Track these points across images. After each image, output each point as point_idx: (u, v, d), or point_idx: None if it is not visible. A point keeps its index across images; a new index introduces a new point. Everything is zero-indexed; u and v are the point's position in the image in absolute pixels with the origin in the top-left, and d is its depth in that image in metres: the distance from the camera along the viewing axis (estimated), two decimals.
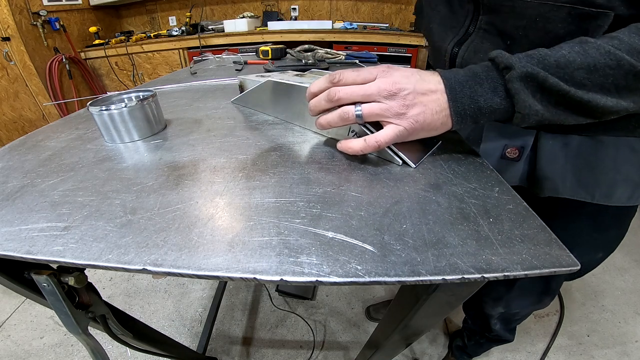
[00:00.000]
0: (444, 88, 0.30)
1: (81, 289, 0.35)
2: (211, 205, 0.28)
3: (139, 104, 0.41)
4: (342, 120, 0.32)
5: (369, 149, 0.32)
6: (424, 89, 0.30)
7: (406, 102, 0.30)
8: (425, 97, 0.30)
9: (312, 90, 0.34)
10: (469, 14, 0.40)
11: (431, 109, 0.30)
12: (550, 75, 0.26)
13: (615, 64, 0.26)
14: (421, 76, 0.31)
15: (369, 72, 0.31)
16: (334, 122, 0.33)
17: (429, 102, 0.30)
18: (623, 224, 0.47)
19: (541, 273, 0.21)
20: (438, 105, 0.30)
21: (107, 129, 0.41)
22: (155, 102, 0.44)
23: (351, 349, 1.09)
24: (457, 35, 0.41)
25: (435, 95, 0.30)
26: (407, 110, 0.30)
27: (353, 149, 0.33)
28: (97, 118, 0.40)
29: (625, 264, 1.42)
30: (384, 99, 0.30)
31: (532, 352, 1.08)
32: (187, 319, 1.20)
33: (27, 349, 1.08)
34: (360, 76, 0.31)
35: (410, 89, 0.30)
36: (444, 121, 0.31)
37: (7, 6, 1.86)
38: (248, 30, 2.30)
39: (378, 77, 0.31)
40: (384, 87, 0.30)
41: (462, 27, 0.41)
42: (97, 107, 0.39)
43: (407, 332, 0.41)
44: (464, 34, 0.41)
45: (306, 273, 0.21)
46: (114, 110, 0.39)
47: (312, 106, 0.34)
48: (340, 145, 0.34)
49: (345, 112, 0.31)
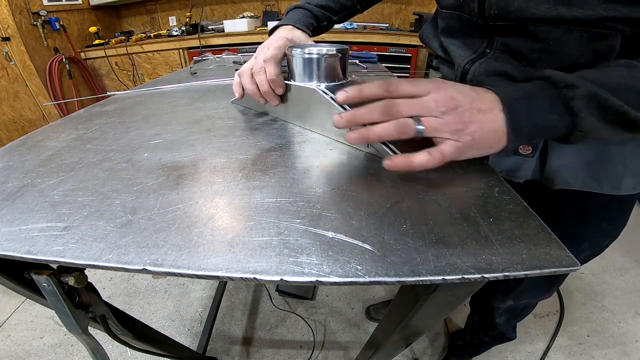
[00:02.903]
0: (501, 106, 0.29)
1: (81, 289, 0.35)
2: (211, 205, 0.28)
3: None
4: (399, 134, 0.30)
5: (433, 163, 0.29)
6: (481, 106, 0.29)
7: (464, 119, 0.29)
8: (481, 115, 0.29)
9: (364, 94, 0.32)
10: (485, 36, 0.41)
11: (488, 127, 0.29)
12: (610, 95, 0.27)
13: None
14: (477, 93, 0.30)
15: (422, 85, 0.30)
16: (388, 135, 0.30)
17: (486, 119, 0.29)
18: (626, 212, 0.50)
19: (541, 273, 0.21)
20: (494, 123, 0.29)
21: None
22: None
23: (351, 349, 1.09)
24: (474, 54, 0.43)
25: (492, 113, 0.29)
26: (464, 126, 0.29)
27: (416, 164, 0.29)
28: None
29: (625, 264, 1.42)
30: (442, 114, 0.29)
31: (532, 352, 1.08)
32: (187, 319, 1.20)
33: (27, 349, 1.09)
34: (415, 88, 0.30)
35: (467, 105, 0.29)
36: (499, 139, 0.30)
37: (7, 6, 1.86)
38: (248, 30, 2.30)
39: (433, 91, 0.30)
40: (441, 102, 0.29)
41: (479, 47, 0.42)
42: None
43: (407, 332, 0.41)
44: (480, 54, 0.42)
45: (306, 273, 0.21)
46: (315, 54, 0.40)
47: (360, 116, 0.32)
48: (397, 160, 0.30)
49: (405, 126, 0.29)
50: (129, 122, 0.50)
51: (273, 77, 0.43)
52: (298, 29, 0.51)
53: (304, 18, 0.54)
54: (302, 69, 0.42)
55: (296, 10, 0.56)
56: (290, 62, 0.43)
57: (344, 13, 0.62)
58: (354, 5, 0.62)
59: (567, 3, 0.31)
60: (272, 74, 0.43)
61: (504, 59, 0.39)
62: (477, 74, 0.42)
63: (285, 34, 0.49)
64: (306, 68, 0.41)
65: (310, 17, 0.56)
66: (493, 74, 0.40)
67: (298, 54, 0.41)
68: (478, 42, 0.42)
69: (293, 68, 0.43)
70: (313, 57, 0.40)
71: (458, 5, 0.42)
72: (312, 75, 0.41)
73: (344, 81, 0.43)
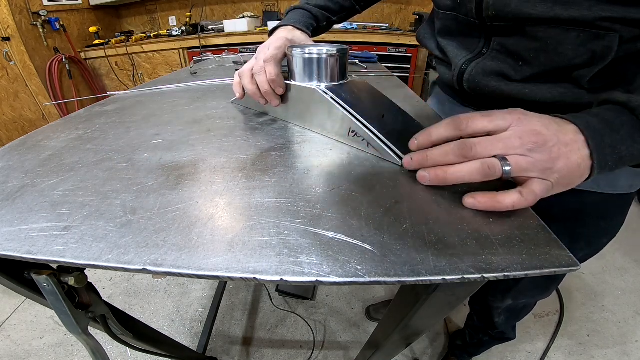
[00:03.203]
0: (584, 138, 0.27)
1: (81, 289, 0.35)
2: (211, 205, 0.28)
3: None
4: (483, 177, 0.27)
5: (525, 204, 0.26)
6: (567, 139, 0.27)
7: (552, 156, 0.26)
8: (567, 149, 0.27)
9: (433, 139, 0.30)
10: (482, 37, 0.41)
11: (573, 162, 0.27)
12: None
13: None
14: (559, 125, 0.28)
15: (501, 118, 0.28)
16: (470, 178, 0.27)
17: (571, 154, 0.27)
18: (624, 210, 0.50)
19: (541, 273, 0.21)
20: (579, 157, 0.27)
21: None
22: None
23: (351, 349, 1.09)
24: (471, 54, 0.43)
25: (577, 145, 0.27)
26: (553, 164, 0.26)
27: (504, 205, 0.26)
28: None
29: (625, 264, 1.42)
30: (528, 152, 0.26)
31: (532, 352, 1.08)
32: (187, 319, 1.20)
33: (27, 349, 1.09)
34: (492, 123, 0.28)
35: (555, 140, 0.27)
36: (582, 173, 0.28)
37: (7, 6, 1.86)
38: (248, 30, 2.30)
39: (514, 125, 0.27)
40: (527, 138, 0.26)
41: (476, 47, 0.42)
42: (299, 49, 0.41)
43: (407, 332, 0.41)
44: (477, 54, 0.42)
45: (306, 273, 0.21)
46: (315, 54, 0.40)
47: (433, 159, 0.30)
48: (482, 199, 0.27)
49: (491, 167, 0.26)
50: (129, 122, 0.50)
51: (273, 77, 0.43)
52: (298, 29, 0.51)
53: (304, 19, 0.55)
54: (302, 69, 0.42)
55: (296, 11, 0.56)
56: (291, 62, 0.43)
57: (343, 14, 0.62)
58: (353, 6, 0.62)
59: (564, 4, 0.31)
60: (273, 74, 0.43)
61: (501, 59, 0.39)
62: (474, 73, 0.42)
63: (285, 34, 0.49)
64: (306, 68, 0.41)
65: (310, 17, 0.56)
66: (490, 74, 0.40)
67: (298, 54, 0.41)
68: (475, 42, 0.42)
69: (293, 68, 0.43)
70: (313, 57, 0.40)
71: (455, 6, 0.42)
72: (312, 75, 0.41)
73: (344, 81, 0.43)
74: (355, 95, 0.41)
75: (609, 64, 0.32)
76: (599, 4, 0.30)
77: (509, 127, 0.27)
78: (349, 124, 0.37)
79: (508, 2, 0.34)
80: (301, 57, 0.41)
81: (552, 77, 0.37)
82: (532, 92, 0.38)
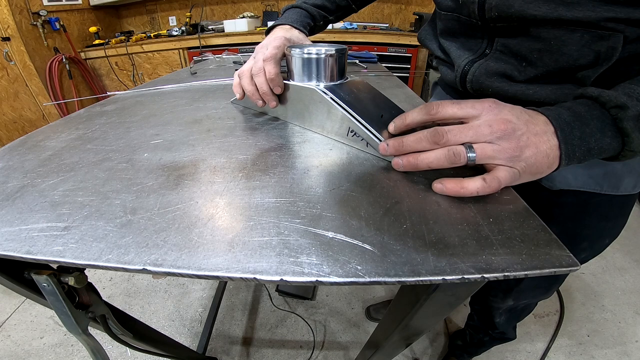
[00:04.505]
0: (554, 129, 0.28)
1: (81, 289, 0.35)
2: (211, 205, 0.28)
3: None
4: (449, 163, 0.28)
5: (488, 190, 0.28)
6: (536, 129, 0.28)
7: (520, 144, 0.27)
8: (537, 138, 0.28)
9: (408, 122, 0.32)
10: (485, 37, 0.41)
11: (542, 151, 0.28)
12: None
13: None
14: (529, 115, 0.29)
15: (472, 107, 0.29)
16: (438, 164, 0.29)
17: (540, 143, 0.28)
18: (627, 211, 0.50)
19: (541, 273, 0.21)
20: (548, 147, 0.28)
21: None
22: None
23: (351, 349, 1.09)
24: (473, 55, 0.43)
25: (546, 136, 0.28)
26: (521, 152, 0.27)
27: (468, 190, 0.27)
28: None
29: (625, 264, 1.42)
30: (497, 140, 0.27)
31: (532, 352, 1.08)
32: (187, 319, 1.20)
33: (27, 349, 1.09)
34: (462, 110, 0.29)
35: (524, 129, 0.28)
36: (551, 163, 0.29)
37: (7, 6, 1.86)
38: (248, 30, 2.31)
39: (484, 113, 0.28)
40: (496, 126, 0.27)
41: (479, 48, 0.42)
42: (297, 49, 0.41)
43: (407, 332, 0.41)
44: (480, 55, 0.42)
45: (306, 273, 0.21)
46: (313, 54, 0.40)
47: (407, 145, 0.31)
48: (449, 185, 0.28)
49: (456, 154, 0.28)
50: (129, 122, 0.50)
51: (272, 76, 0.43)
52: (295, 28, 0.51)
53: (301, 17, 0.54)
54: (301, 68, 0.42)
55: (293, 9, 0.56)
56: (290, 62, 0.43)
57: (339, 12, 0.62)
58: (349, 5, 0.62)
59: (568, 4, 0.31)
60: (272, 73, 0.43)
61: (504, 60, 0.39)
62: (477, 74, 0.42)
63: (283, 33, 0.49)
64: (305, 68, 0.41)
65: (307, 16, 0.56)
66: (493, 75, 0.40)
67: (297, 53, 0.41)
68: (478, 43, 0.42)
69: (292, 68, 0.43)
70: (312, 57, 0.40)
71: (457, 7, 0.42)
72: (311, 75, 0.41)
73: (343, 81, 0.43)
74: (354, 95, 0.41)
75: (613, 64, 0.32)
76: (603, 4, 0.30)
77: (480, 115, 0.29)
78: (348, 123, 0.37)
79: (511, 3, 0.34)
80: (300, 56, 0.41)
81: (556, 77, 0.37)
82: (535, 93, 0.38)
